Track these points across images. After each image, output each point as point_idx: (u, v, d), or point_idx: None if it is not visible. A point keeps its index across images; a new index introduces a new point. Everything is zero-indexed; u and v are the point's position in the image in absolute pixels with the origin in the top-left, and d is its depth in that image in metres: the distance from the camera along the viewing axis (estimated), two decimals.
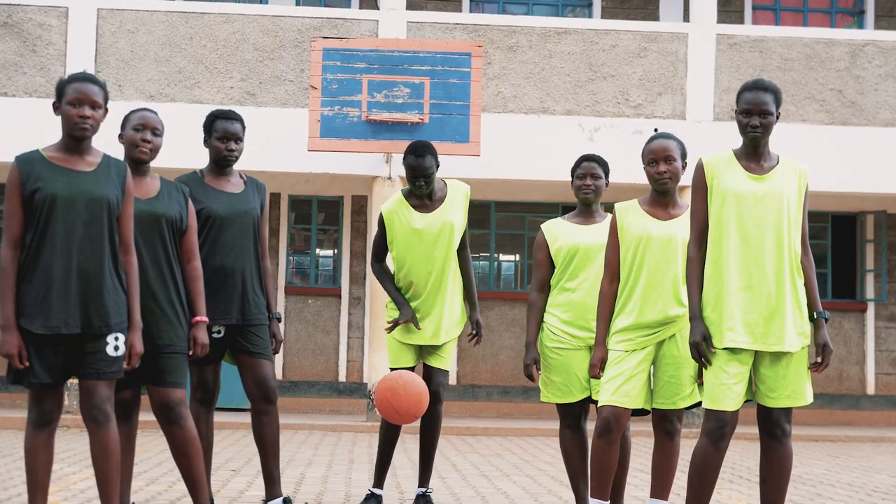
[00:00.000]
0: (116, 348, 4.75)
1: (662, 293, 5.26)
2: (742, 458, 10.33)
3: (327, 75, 12.28)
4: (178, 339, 5.12)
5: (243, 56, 13.22)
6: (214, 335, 5.67)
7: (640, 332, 5.26)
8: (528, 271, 15.35)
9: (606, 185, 6.00)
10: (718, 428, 4.69)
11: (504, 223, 15.35)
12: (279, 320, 5.96)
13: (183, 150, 10.28)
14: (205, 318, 5.24)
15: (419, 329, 6.32)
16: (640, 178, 12.09)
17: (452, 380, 14.75)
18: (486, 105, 13.14)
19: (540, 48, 13.49)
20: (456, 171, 12.38)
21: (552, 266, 5.94)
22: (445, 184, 6.46)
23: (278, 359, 14.60)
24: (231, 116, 5.85)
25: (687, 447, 5.43)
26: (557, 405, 5.91)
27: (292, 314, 14.75)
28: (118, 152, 5.17)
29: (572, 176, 6.01)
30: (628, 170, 13.20)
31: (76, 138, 4.76)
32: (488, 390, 14.90)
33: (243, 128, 5.87)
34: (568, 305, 5.84)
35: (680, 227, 5.32)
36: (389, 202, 6.46)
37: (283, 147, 12.97)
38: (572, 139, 13.19)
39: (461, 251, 6.49)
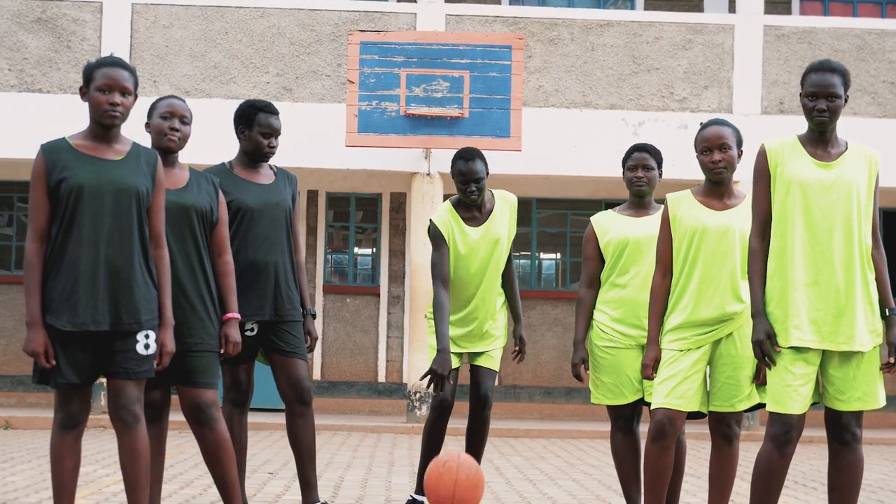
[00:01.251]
0: (147, 346, 4.53)
1: (719, 288, 4.97)
2: (801, 462, 9.99)
3: (365, 69, 12.05)
4: (208, 337, 4.89)
5: (279, 50, 13.02)
6: (247, 333, 5.45)
7: (696, 330, 4.97)
8: (570, 270, 15.05)
9: (660, 175, 5.72)
10: (784, 433, 4.39)
11: (546, 221, 15.06)
12: (314, 317, 5.72)
13: (219, 146, 10.03)
14: (237, 315, 5.00)
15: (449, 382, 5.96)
16: (685, 173, 11.90)
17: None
18: (526, 99, 12.86)
19: (582, 41, 13.20)
20: (496, 167, 12.05)
21: (602, 261, 5.66)
22: (493, 194, 6.17)
23: (316, 359, 14.39)
24: (274, 111, 5.67)
25: (744, 450, 5.13)
26: (608, 407, 5.64)
27: (331, 313, 14.54)
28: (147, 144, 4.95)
29: (623, 167, 5.73)
30: (674, 165, 12.84)
31: (105, 126, 4.54)
32: (530, 391, 14.62)
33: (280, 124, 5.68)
34: (618, 302, 5.56)
35: (737, 218, 5.03)
36: (440, 213, 6.09)
37: (321, 143, 12.75)
38: (616, 134, 12.86)
39: (507, 264, 6.24)
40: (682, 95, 13.18)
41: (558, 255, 15.22)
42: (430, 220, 6.11)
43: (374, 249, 14.91)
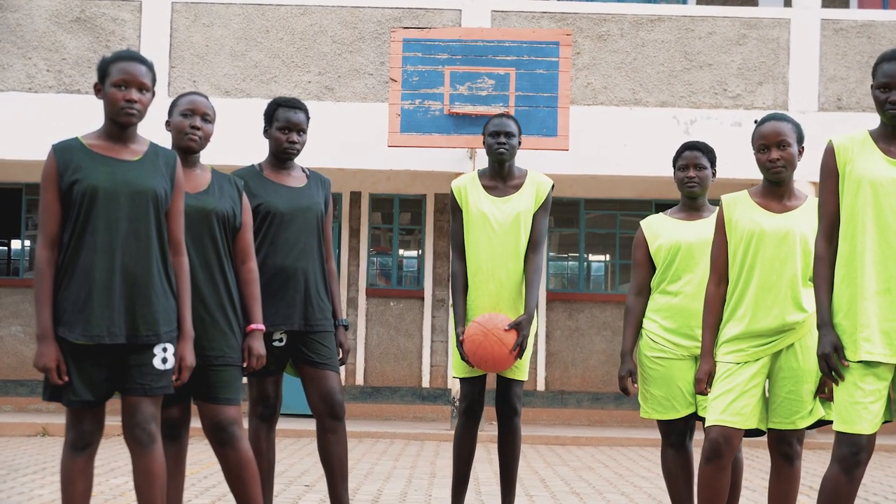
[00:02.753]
0: (165, 360, 4.24)
1: (778, 296, 4.60)
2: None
3: (408, 67, 11.74)
4: (230, 350, 4.59)
5: (321, 49, 12.77)
6: (275, 343, 5.17)
7: (753, 341, 4.61)
8: (619, 272, 14.66)
9: (713, 175, 5.36)
10: (852, 454, 4.02)
11: (594, 222, 14.69)
12: (346, 328, 5.42)
13: (259, 148, 9.75)
14: (261, 327, 4.71)
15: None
16: (740, 172, 11.54)
17: (540, 385, 14.13)
18: (574, 97, 12.52)
19: (632, 36, 12.84)
20: (543, 167, 11.74)
21: (652, 267, 5.32)
22: (527, 173, 5.85)
23: (359, 364, 14.12)
24: (295, 105, 5.34)
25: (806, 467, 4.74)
26: (659, 422, 5.29)
27: (374, 317, 14.25)
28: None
29: (674, 167, 5.39)
30: (727, 164, 12.43)
31: (121, 125, 4.26)
32: (578, 397, 14.25)
33: (307, 118, 5.35)
34: (670, 311, 5.21)
35: (798, 221, 4.66)
36: (460, 178, 5.89)
37: (363, 143, 12.49)
38: (667, 132, 12.50)
39: (530, 254, 5.74)
40: (736, 92, 12.79)
41: (607, 257, 14.84)
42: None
43: (419, 252, 14.61)
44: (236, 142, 10.70)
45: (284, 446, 10.67)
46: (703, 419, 5.15)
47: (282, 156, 5.31)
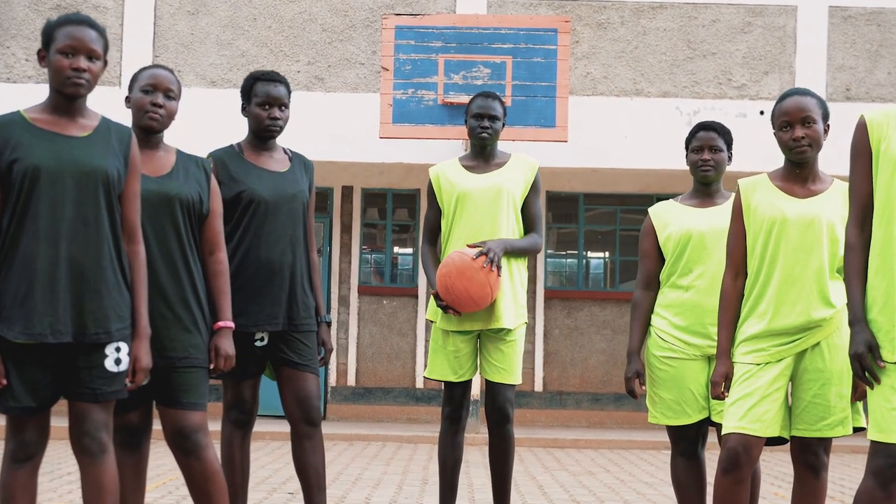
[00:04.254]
0: (118, 362, 3.79)
1: (803, 290, 4.14)
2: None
3: (400, 55, 11.28)
4: (195, 350, 4.14)
5: (310, 38, 12.34)
6: (257, 343, 4.73)
7: (775, 340, 4.15)
8: (619, 269, 14.20)
9: (729, 159, 4.92)
10: (889, 466, 3.55)
11: (594, 217, 14.22)
12: (329, 325, 4.96)
13: None
14: (230, 324, 4.25)
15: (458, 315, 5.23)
16: (745, 166, 10.95)
17: (538, 386, 13.68)
18: (573, 87, 12.09)
19: (633, 24, 12.41)
20: (540, 160, 11.25)
21: (661, 258, 4.88)
22: (510, 154, 5.48)
23: (351, 364, 13.65)
24: (274, 78, 4.91)
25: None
26: (668, 428, 4.84)
27: (366, 316, 13.79)
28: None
29: (686, 149, 4.94)
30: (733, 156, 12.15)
31: (68, 96, 3.81)
32: (577, 397, 13.79)
33: (288, 92, 4.93)
34: (681, 306, 4.76)
35: (824, 206, 4.21)
36: (439, 164, 5.50)
37: (355, 135, 12.05)
38: (669, 123, 12.08)
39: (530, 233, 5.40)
40: (741, 82, 12.38)
41: (606, 254, 14.37)
42: None
43: (413, 248, 14.14)
44: (223, 133, 10.21)
45: (271, 450, 10.22)
46: (716, 425, 4.72)
47: (263, 134, 4.87)
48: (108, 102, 4.45)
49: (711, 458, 4.64)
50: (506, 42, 11.32)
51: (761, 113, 12.01)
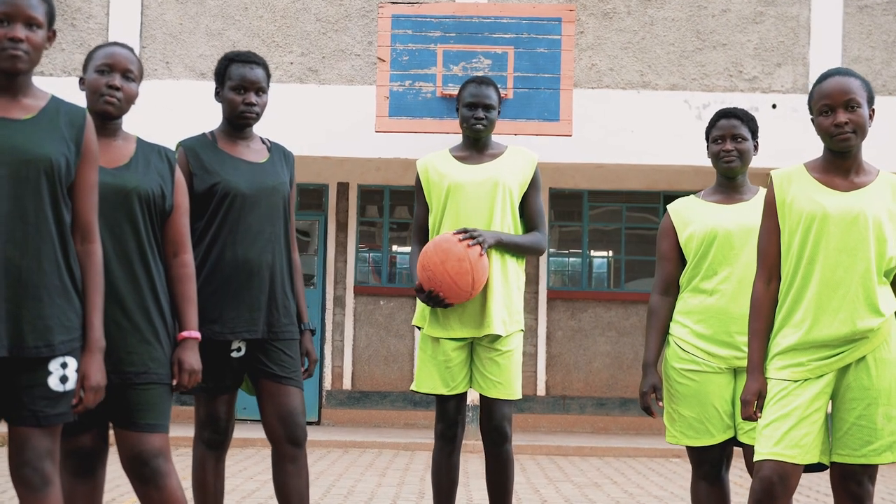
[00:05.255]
0: (63, 379, 3.30)
1: (847, 296, 3.66)
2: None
3: (397, 46, 10.77)
4: (155, 365, 3.65)
5: (304, 28, 11.85)
6: (234, 353, 4.25)
7: (815, 353, 3.67)
8: (625, 268, 13.70)
9: (755, 148, 4.43)
10: None
11: (598, 215, 13.74)
12: (313, 333, 4.48)
13: None
14: (195, 335, 3.76)
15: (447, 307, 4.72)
16: (756, 162, 10.73)
17: (541, 390, 13.19)
18: (578, 79, 11.61)
19: (640, 14, 11.92)
20: (543, 155, 10.76)
21: (681, 260, 4.39)
22: (506, 147, 4.99)
23: (347, 367, 13.16)
24: (251, 59, 4.44)
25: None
26: (689, 449, 4.36)
27: (363, 317, 13.31)
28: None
29: (707, 139, 4.46)
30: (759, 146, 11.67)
31: (4, 71, 3.31)
32: (581, 402, 13.31)
33: (267, 75, 4.44)
34: (704, 313, 4.28)
35: (870, 201, 3.73)
36: (428, 155, 5.02)
37: (350, 130, 11.53)
38: (677, 117, 11.58)
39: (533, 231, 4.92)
40: (752, 74, 11.87)
41: (610, 253, 13.88)
42: None
43: (411, 247, 13.64)
44: (212, 128, 9.79)
45: (262, 457, 9.72)
46: (743, 445, 4.24)
47: (238, 121, 4.39)
48: None
49: (735, 478, 4.15)
50: (507, 31, 10.82)
51: (774, 107, 11.53)
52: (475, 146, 4.91)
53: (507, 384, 4.78)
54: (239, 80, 4.36)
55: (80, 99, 3.76)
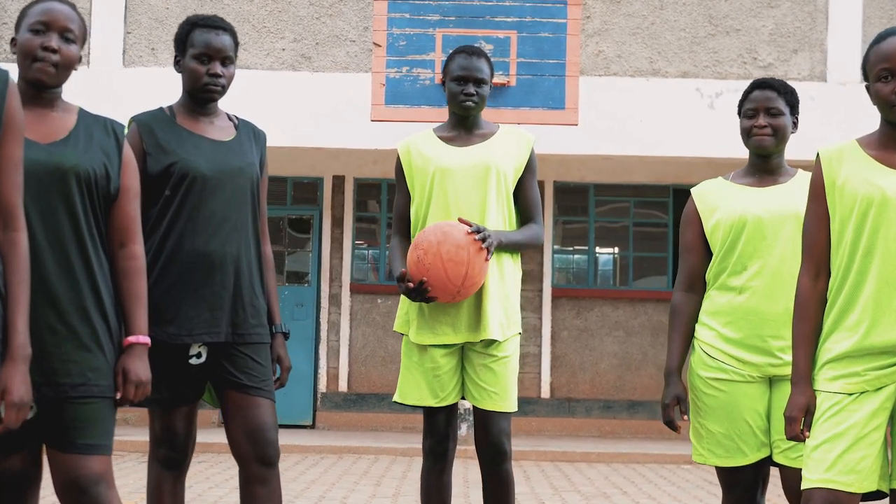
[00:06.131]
0: None
1: None
2: None
3: (394, 30, 10.22)
4: (95, 375, 3.11)
5: (297, 12, 11.42)
6: (193, 360, 3.71)
7: (873, 361, 3.11)
8: (633, 265, 13.17)
9: (794, 125, 3.88)
10: None
11: (605, 210, 13.21)
12: (287, 336, 3.94)
13: None
14: (144, 339, 3.22)
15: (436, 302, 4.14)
16: None
17: (545, 392, 12.67)
18: (584, 67, 11.14)
19: None
20: (547, 146, 10.31)
21: (707, 252, 3.85)
22: (498, 125, 4.44)
23: (343, 368, 12.63)
24: (216, 24, 3.90)
25: None
26: (718, 469, 3.81)
27: (359, 316, 12.79)
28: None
29: (739, 114, 3.92)
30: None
31: None
32: (587, 405, 12.78)
33: (235, 44, 3.91)
34: (733, 313, 3.74)
35: None
36: (409, 137, 4.47)
37: (346, 119, 11.05)
38: (689, 107, 11.11)
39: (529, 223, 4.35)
40: (768, 61, 11.43)
41: (616, 250, 13.35)
42: None
43: (391, 241, 13.09)
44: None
45: None
46: (780, 466, 3.70)
47: (201, 95, 3.85)
48: (74, 83, 3.51)
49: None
50: (510, 15, 10.27)
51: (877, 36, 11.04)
52: (463, 125, 4.36)
53: (503, 394, 4.22)
54: (203, 48, 3.82)
55: (64, 91, 3.24)
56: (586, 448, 11.17)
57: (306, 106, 11.09)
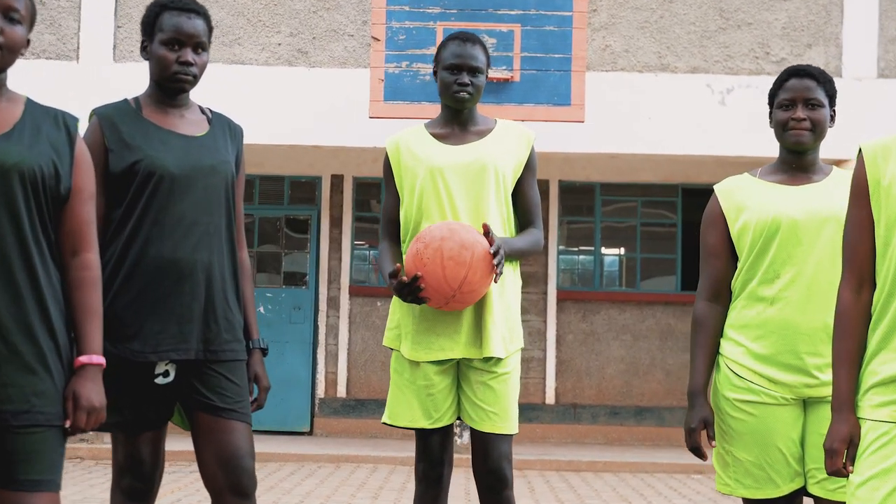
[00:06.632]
0: None
1: None
2: None
3: (393, 23, 9.87)
4: (41, 402, 2.75)
5: (293, 6, 11.08)
6: (160, 379, 3.34)
7: None
8: (640, 267, 12.80)
9: (832, 118, 3.50)
10: None
11: (612, 210, 12.84)
12: (265, 353, 3.56)
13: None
14: (98, 360, 2.85)
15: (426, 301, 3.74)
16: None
17: (550, 398, 12.31)
18: (591, 62, 10.80)
19: None
20: (552, 144, 9.99)
21: (733, 257, 3.47)
22: (496, 121, 4.04)
23: (342, 373, 12.28)
24: (188, 7, 3.53)
25: None
26: (745, 501, 3.42)
27: (358, 319, 12.44)
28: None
29: (770, 104, 3.53)
30: (768, 141, 10.78)
31: None
32: (593, 411, 12.41)
33: (209, 28, 3.54)
34: (764, 327, 3.37)
35: None
36: (398, 133, 4.06)
37: (344, 116, 10.70)
38: (698, 103, 10.78)
39: (528, 227, 3.97)
40: (781, 56, 11.05)
41: (622, 251, 12.99)
42: None
43: (380, 244, 12.73)
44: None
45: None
46: (815, 498, 3.32)
47: (170, 85, 3.49)
48: (63, 79, 3.17)
49: None
50: (513, 7, 9.92)
51: None
52: (457, 120, 3.96)
53: (503, 414, 3.82)
54: (173, 33, 3.45)
55: (53, 84, 2.88)
56: (592, 456, 10.80)
57: (303, 102, 10.77)
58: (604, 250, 12.96)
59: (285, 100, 10.77)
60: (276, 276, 12.57)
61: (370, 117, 9.94)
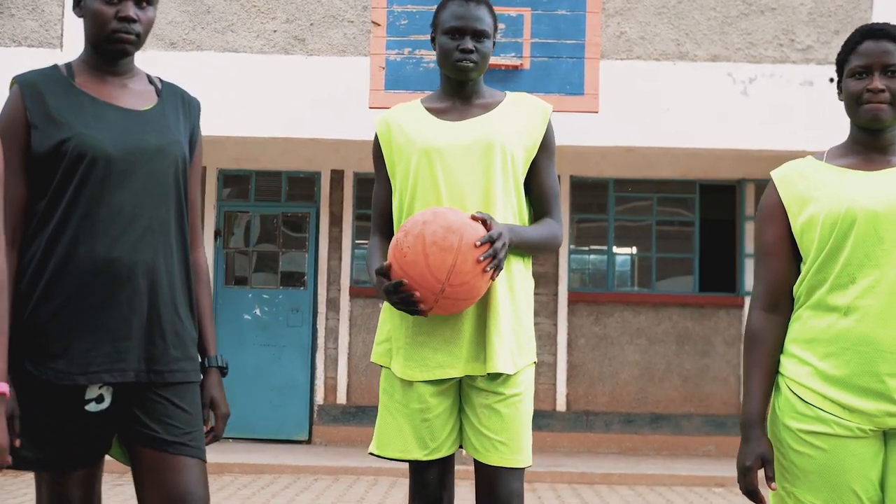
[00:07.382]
0: None
1: None
2: None
3: (394, 8, 9.42)
4: None
5: None
6: (91, 406, 2.78)
7: None
8: (656, 268, 12.28)
9: None
10: None
11: (626, 207, 12.34)
12: (224, 372, 2.97)
13: (215, 112, 7.39)
14: (1, 387, 2.25)
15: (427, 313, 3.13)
16: (813, 144, 9.45)
17: (561, 405, 11.81)
18: (605, 49, 10.43)
19: None
20: (563, 137, 9.34)
21: (795, 257, 2.87)
22: (505, 93, 3.44)
23: (342, 379, 11.79)
24: None
25: None
26: None
27: (359, 322, 11.96)
28: None
29: (840, 72, 2.94)
30: (793, 133, 10.34)
31: None
32: (607, 419, 11.87)
33: None
34: (838, 342, 2.79)
35: None
36: (391, 109, 3.48)
37: (343, 107, 10.27)
38: (719, 93, 10.35)
39: (545, 218, 3.37)
40: (806, 43, 10.60)
41: (635, 250, 12.51)
42: None
43: (370, 240, 12.24)
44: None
45: (235, 489, 8.27)
46: None
47: (108, 47, 2.92)
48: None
49: None
50: None
51: (831, 80, 10.16)
52: (460, 94, 3.35)
53: (513, 444, 3.22)
54: None
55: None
56: (606, 467, 10.26)
57: (300, 92, 10.37)
58: (617, 249, 12.47)
59: (281, 90, 10.36)
60: (273, 276, 12.13)
61: (370, 107, 9.43)
